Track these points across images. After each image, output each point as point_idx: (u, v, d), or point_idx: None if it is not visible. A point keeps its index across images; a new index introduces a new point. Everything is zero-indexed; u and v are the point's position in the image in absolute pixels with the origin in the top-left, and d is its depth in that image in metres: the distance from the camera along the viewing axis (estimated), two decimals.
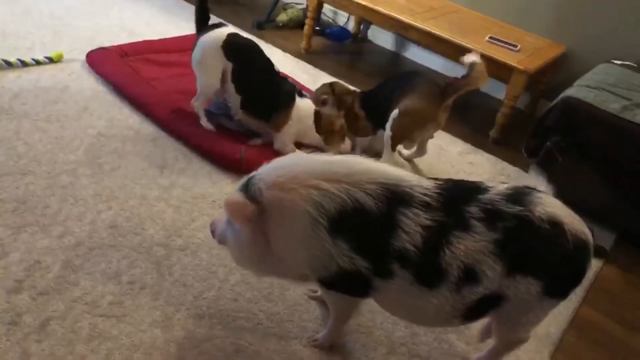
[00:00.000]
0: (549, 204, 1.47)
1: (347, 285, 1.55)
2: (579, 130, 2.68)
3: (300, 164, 1.51)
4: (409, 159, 2.98)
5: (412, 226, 1.41)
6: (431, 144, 3.18)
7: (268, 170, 1.51)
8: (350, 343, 1.90)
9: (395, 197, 1.43)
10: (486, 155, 3.23)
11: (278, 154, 2.69)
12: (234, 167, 2.60)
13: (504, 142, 3.42)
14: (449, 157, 3.14)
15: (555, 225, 1.43)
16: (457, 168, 3.04)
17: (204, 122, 2.81)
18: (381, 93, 2.74)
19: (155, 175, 2.48)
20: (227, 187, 2.49)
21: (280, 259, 1.54)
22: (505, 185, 1.52)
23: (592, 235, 2.76)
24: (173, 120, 2.80)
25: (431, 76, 2.72)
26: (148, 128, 2.79)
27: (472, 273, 1.42)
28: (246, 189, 1.49)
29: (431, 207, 1.43)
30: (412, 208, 1.42)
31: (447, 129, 3.39)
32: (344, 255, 1.44)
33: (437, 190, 1.46)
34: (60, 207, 2.19)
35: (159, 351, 1.74)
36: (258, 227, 1.48)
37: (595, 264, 2.54)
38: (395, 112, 2.59)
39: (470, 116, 3.73)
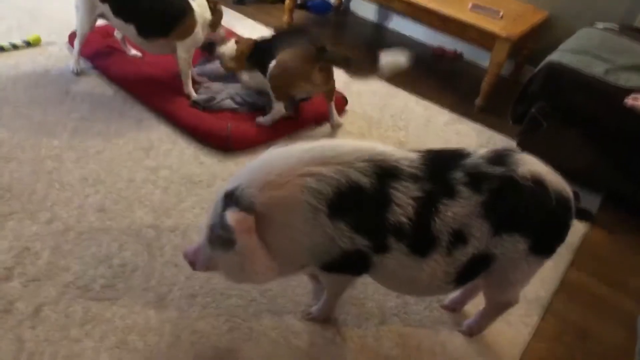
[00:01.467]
0: (530, 162, 1.51)
1: (348, 266, 1.56)
2: (563, 95, 2.69)
3: (282, 157, 1.48)
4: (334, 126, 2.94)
5: (404, 199, 1.43)
6: (418, 115, 3.18)
7: (250, 175, 1.46)
8: (343, 315, 1.93)
9: (385, 173, 1.45)
10: (472, 125, 3.24)
11: (265, 130, 2.69)
12: (220, 145, 2.59)
13: (489, 110, 3.42)
14: (436, 127, 3.14)
15: (538, 183, 1.48)
16: (445, 138, 3.04)
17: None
18: (271, 44, 2.76)
19: (141, 157, 2.46)
20: (214, 167, 2.49)
21: (282, 258, 1.50)
22: (487, 149, 1.55)
23: (578, 199, 2.80)
24: (157, 100, 2.77)
25: (314, 35, 2.71)
26: (132, 109, 2.76)
27: (461, 236, 1.47)
28: (236, 202, 1.42)
29: (419, 178, 1.45)
30: (401, 181, 1.44)
31: (433, 99, 3.39)
32: (345, 237, 1.44)
33: (423, 161, 1.49)
34: (46, 192, 2.17)
35: (153, 332, 1.75)
36: (258, 235, 1.43)
37: (581, 227, 2.58)
38: (272, 63, 2.63)
39: (455, 85, 3.73)
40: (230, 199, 1.43)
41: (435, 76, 3.79)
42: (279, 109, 2.71)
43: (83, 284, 1.85)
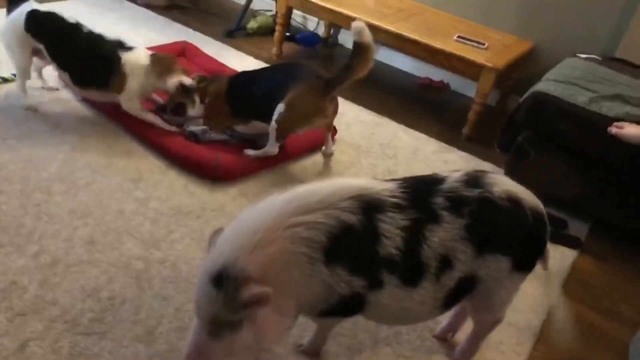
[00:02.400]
0: (503, 183, 1.55)
1: (343, 310, 1.53)
2: (548, 123, 2.73)
3: (263, 213, 1.40)
4: (327, 155, 2.96)
5: (392, 230, 1.42)
6: (406, 144, 3.21)
7: (237, 244, 1.35)
8: (334, 346, 1.91)
9: (370, 207, 1.43)
10: (460, 153, 3.27)
11: (255, 161, 2.70)
12: (210, 175, 2.59)
13: (476, 139, 3.46)
14: (424, 156, 3.17)
15: (514, 201, 1.52)
16: (433, 167, 3.07)
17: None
18: (257, 83, 2.72)
19: (130, 188, 2.46)
20: (204, 197, 2.48)
21: (285, 313, 1.44)
22: (460, 172, 1.57)
23: (566, 227, 2.83)
24: (147, 131, 2.78)
25: (313, 68, 2.71)
26: (121, 141, 2.76)
27: (447, 261, 1.47)
28: (232, 280, 1.30)
29: (403, 207, 1.45)
30: (387, 212, 1.43)
31: (421, 128, 3.43)
32: (343, 282, 1.41)
33: (402, 189, 1.49)
34: (34, 225, 2.16)
35: None
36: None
37: (570, 255, 2.59)
38: (281, 106, 2.57)
39: (442, 115, 3.78)
40: (225, 280, 1.31)
41: (422, 106, 3.84)
42: (273, 149, 2.69)
43: (71, 318, 1.83)
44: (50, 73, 2.99)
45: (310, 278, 1.39)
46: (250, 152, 2.73)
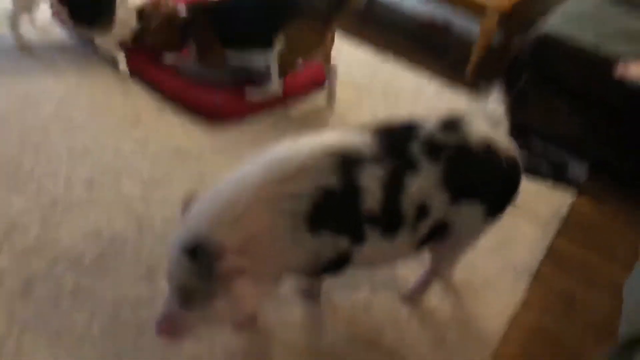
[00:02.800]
0: (480, 127, 1.52)
1: (329, 269, 1.52)
2: (552, 64, 2.68)
3: (240, 188, 1.35)
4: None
5: (372, 182, 1.39)
6: (408, 84, 3.17)
7: (211, 219, 1.32)
8: (332, 284, 1.93)
9: (349, 162, 1.39)
10: (462, 94, 3.22)
11: (254, 102, 2.65)
12: (208, 115, 2.56)
13: (479, 80, 3.41)
14: (426, 96, 3.12)
15: (490, 147, 1.51)
16: (434, 108, 3.03)
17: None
18: (243, 10, 2.59)
19: (128, 128, 2.43)
20: (202, 138, 2.46)
21: (266, 284, 1.44)
22: (436, 116, 1.54)
23: (566, 168, 2.82)
24: (144, 71, 2.72)
25: None
26: (119, 80, 2.70)
27: (424, 209, 1.47)
28: (205, 251, 1.28)
29: (380, 157, 1.42)
30: (366, 166, 1.39)
31: (424, 69, 3.37)
32: (328, 244, 1.40)
33: (379, 138, 1.45)
34: (33, 165, 2.14)
35: (144, 305, 1.75)
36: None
37: (569, 196, 2.60)
38: (281, 42, 2.48)
39: (445, 56, 3.70)
40: (198, 250, 1.29)
41: (425, 47, 3.75)
42: (277, 88, 2.62)
43: (73, 257, 1.84)
44: (43, 14, 2.90)
45: (295, 248, 1.37)
46: (252, 92, 2.67)
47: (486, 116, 1.59)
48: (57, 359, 1.59)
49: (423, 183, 1.44)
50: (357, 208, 1.39)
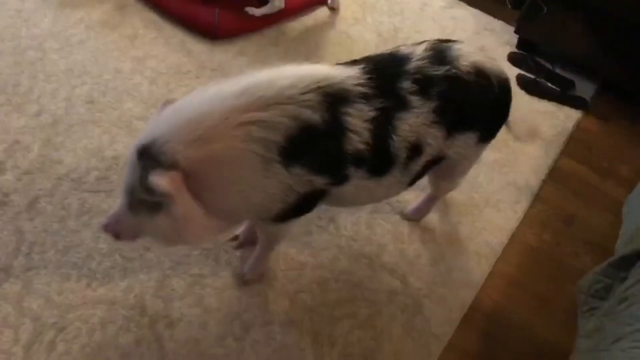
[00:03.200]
0: (468, 53, 1.46)
1: (302, 209, 1.44)
2: None
3: (211, 106, 1.25)
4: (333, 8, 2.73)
5: (359, 123, 1.31)
6: (413, 0, 3.05)
7: (170, 128, 1.23)
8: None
9: (334, 100, 1.30)
10: (470, 9, 3.11)
11: (255, 18, 2.57)
12: (208, 33, 2.49)
13: None
14: (432, 12, 3.02)
15: (480, 74, 1.45)
16: (441, 24, 2.94)
17: None
18: None
19: (127, 46, 2.37)
20: (202, 56, 2.41)
21: (225, 216, 1.36)
22: (423, 46, 1.46)
23: (574, 87, 2.77)
24: None
25: None
26: None
27: (417, 148, 1.42)
28: (156, 160, 1.20)
29: (369, 96, 1.33)
30: (353, 104, 1.31)
31: None
32: (303, 181, 1.32)
33: (367, 76, 1.36)
34: (31, 84, 2.11)
35: None
36: (191, 193, 1.23)
37: (574, 115, 2.57)
38: None
39: None
40: (148, 156, 1.21)
41: None
42: (280, 3, 2.54)
43: (77, 177, 1.86)
44: None
45: (265, 179, 1.28)
46: (253, 10, 2.58)
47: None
48: (66, 274, 1.64)
49: (415, 122, 1.37)
50: (340, 148, 1.31)
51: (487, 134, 1.59)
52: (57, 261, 1.66)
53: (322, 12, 2.81)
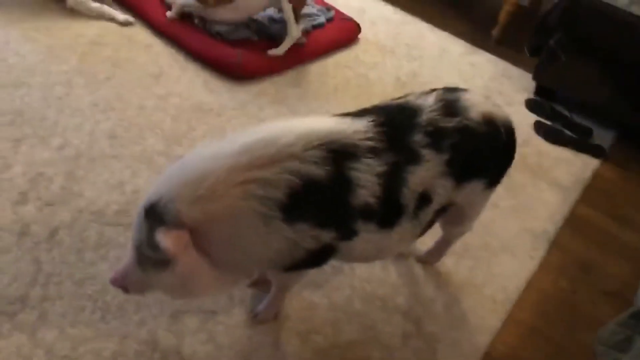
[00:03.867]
0: (477, 102, 1.48)
1: (312, 262, 1.43)
2: (583, 26, 2.61)
3: (212, 165, 1.25)
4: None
5: (368, 178, 1.30)
6: (432, 45, 3.11)
7: (173, 186, 1.25)
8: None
9: (340, 155, 1.28)
10: (488, 56, 3.16)
11: (276, 59, 2.64)
12: (231, 72, 2.55)
13: (506, 42, 3.33)
14: (451, 58, 3.07)
15: (490, 123, 1.47)
16: (459, 69, 2.98)
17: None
18: None
19: (151, 84, 2.44)
20: (224, 95, 2.46)
21: (232, 270, 1.37)
22: (433, 96, 1.46)
23: (592, 135, 2.78)
24: (166, 25, 2.71)
25: None
26: (141, 34, 2.70)
27: (426, 197, 1.42)
28: (160, 218, 1.22)
29: (379, 151, 1.32)
30: (361, 159, 1.30)
31: (448, 29, 3.30)
32: (309, 237, 1.30)
33: (377, 129, 1.35)
34: (57, 118, 2.17)
35: None
36: (197, 250, 1.26)
37: (592, 163, 2.56)
38: None
39: (471, 15, 3.61)
40: (154, 214, 1.23)
41: (451, 5, 3.67)
42: (296, 34, 2.61)
43: (96, 209, 1.89)
44: None
45: (268, 235, 1.27)
46: (274, 50, 2.65)
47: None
48: (81, 306, 1.64)
49: (426, 175, 1.38)
50: (346, 203, 1.30)
51: (494, 180, 1.60)
52: (72, 293, 1.67)
53: (341, 56, 2.87)
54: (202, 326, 1.67)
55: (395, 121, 1.39)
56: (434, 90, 1.51)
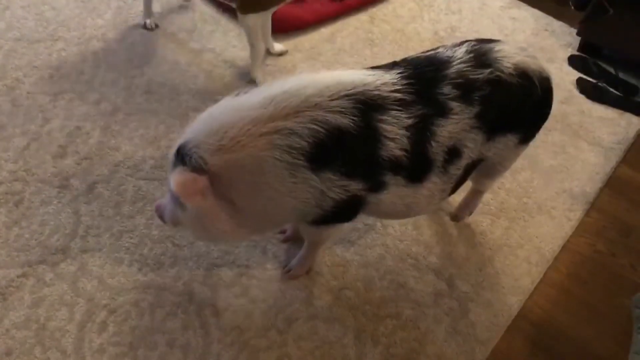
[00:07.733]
0: (510, 53, 1.42)
1: (341, 215, 1.43)
2: None
3: (235, 116, 1.27)
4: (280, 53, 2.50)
5: (396, 131, 1.29)
6: None
7: (201, 134, 1.27)
8: None
9: (368, 106, 1.28)
10: (530, 10, 3.03)
11: (310, 13, 2.58)
12: None
13: None
14: (491, 12, 2.96)
15: (523, 75, 1.42)
16: (499, 24, 2.87)
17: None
18: None
19: (185, 39, 2.42)
20: None
21: (258, 218, 1.39)
22: (463, 48, 1.42)
23: (637, 93, 2.67)
24: None
25: None
26: None
27: (455, 152, 1.39)
28: (182, 161, 1.26)
29: (407, 103, 1.31)
30: (389, 112, 1.29)
31: None
32: (336, 187, 1.31)
33: (405, 81, 1.33)
34: (93, 73, 2.19)
35: None
36: (218, 196, 1.28)
37: (637, 123, 2.47)
38: None
39: None
40: (180, 156, 1.26)
41: None
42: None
43: (133, 164, 1.91)
44: None
45: (293, 185, 1.28)
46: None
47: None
48: (119, 258, 1.69)
49: (455, 128, 1.35)
50: (374, 154, 1.30)
51: (527, 135, 1.56)
52: (111, 245, 1.71)
53: (378, 9, 2.79)
54: (236, 280, 1.70)
55: (424, 73, 1.37)
56: (465, 41, 1.46)
